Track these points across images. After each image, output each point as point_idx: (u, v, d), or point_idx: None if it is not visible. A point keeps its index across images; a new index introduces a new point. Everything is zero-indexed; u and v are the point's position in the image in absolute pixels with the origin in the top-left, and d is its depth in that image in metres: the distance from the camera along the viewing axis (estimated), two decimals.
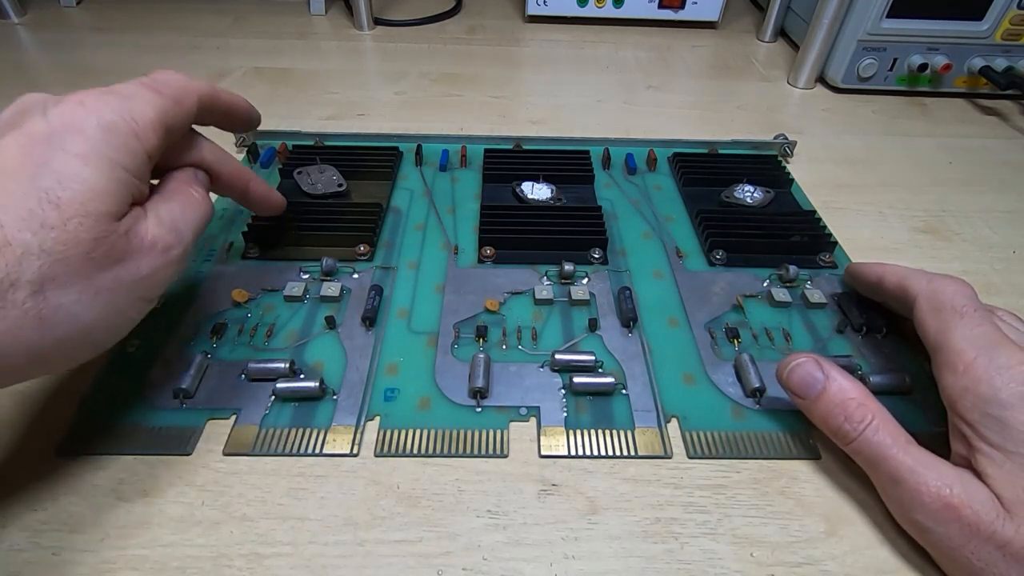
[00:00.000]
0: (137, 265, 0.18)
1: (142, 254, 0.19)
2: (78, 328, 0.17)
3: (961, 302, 0.21)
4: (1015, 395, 0.18)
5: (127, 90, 0.20)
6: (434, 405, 0.23)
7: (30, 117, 0.18)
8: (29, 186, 0.16)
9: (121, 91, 0.19)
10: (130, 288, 0.18)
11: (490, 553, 0.19)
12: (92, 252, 0.17)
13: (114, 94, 0.19)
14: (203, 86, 0.23)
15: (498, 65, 0.53)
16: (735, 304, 0.28)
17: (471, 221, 0.33)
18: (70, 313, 0.17)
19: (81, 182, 0.17)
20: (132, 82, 0.20)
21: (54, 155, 0.17)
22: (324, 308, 0.27)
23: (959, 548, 0.18)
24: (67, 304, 0.17)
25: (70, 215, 0.17)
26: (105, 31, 0.56)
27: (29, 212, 0.16)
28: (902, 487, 0.19)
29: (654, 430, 0.23)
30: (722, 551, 0.20)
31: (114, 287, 0.18)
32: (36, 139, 0.17)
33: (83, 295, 0.17)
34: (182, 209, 0.21)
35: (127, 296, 0.18)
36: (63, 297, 0.17)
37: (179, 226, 0.20)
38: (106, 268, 0.17)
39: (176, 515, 0.20)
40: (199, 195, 0.22)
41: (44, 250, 0.16)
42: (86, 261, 0.17)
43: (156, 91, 0.20)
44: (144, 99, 0.20)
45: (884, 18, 0.45)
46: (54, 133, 0.17)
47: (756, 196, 0.34)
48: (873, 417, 0.20)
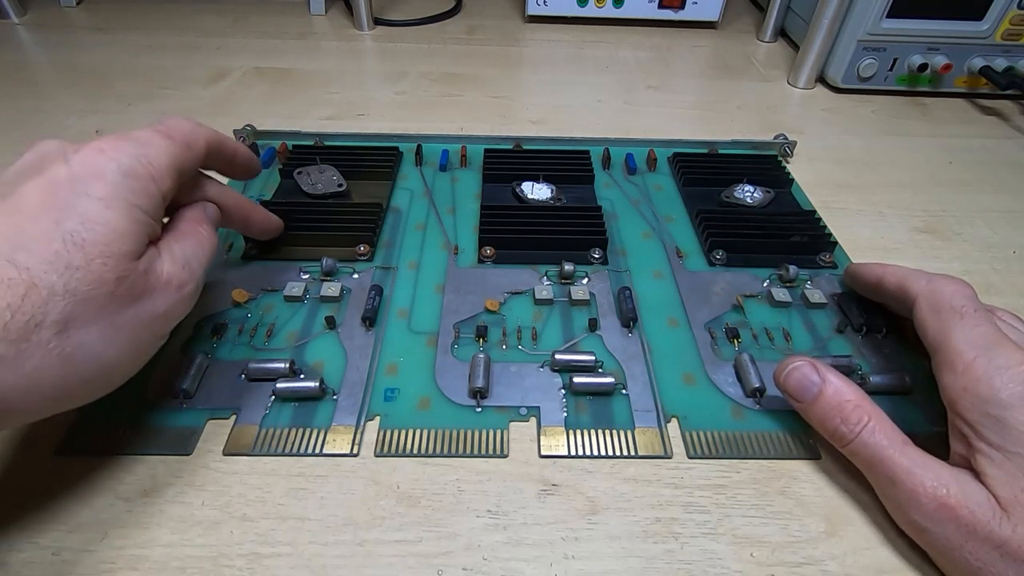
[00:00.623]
0: (154, 302, 0.19)
1: (159, 291, 0.19)
2: (100, 365, 0.18)
3: (961, 302, 0.21)
4: (1014, 395, 0.18)
5: (143, 137, 0.20)
6: (434, 405, 0.23)
7: (51, 163, 0.19)
8: (54, 229, 0.17)
9: (138, 137, 0.20)
10: (148, 324, 0.19)
11: (490, 553, 0.19)
12: (115, 291, 0.18)
13: (131, 140, 0.20)
14: (210, 133, 0.24)
15: (498, 65, 0.53)
16: (735, 304, 0.28)
17: (471, 221, 0.33)
18: (93, 351, 0.17)
19: (104, 224, 0.18)
20: (147, 129, 0.21)
21: (77, 199, 0.18)
22: (324, 308, 0.27)
23: (957, 548, 0.18)
24: (90, 342, 0.17)
25: (94, 255, 0.17)
26: (105, 31, 0.56)
27: (55, 254, 0.17)
28: (899, 488, 0.19)
29: (654, 430, 0.23)
30: (722, 551, 0.20)
31: (134, 324, 0.19)
32: (59, 184, 0.18)
33: (105, 333, 0.18)
34: (193, 247, 0.21)
35: (145, 332, 0.19)
36: (86, 336, 0.17)
37: (191, 263, 0.21)
38: (127, 306, 0.18)
39: (176, 515, 0.20)
40: (207, 232, 0.23)
41: (69, 290, 0.17)
42: (109, 300, 0.18)
43: (169, 137, 0.21)
44: (158, 145, 0.20)
45: (884, 18, 0.45)
46: (76, 178, 0.18)
47: (756, 196, 0.34)
48: (869, 419, 0.20)
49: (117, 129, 0.40)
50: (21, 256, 0.16)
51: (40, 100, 0.44)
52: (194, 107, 0.44)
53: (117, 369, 0.19)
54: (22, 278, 0.16)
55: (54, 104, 0.44)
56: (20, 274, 0.16)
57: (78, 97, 0.45)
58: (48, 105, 0.43)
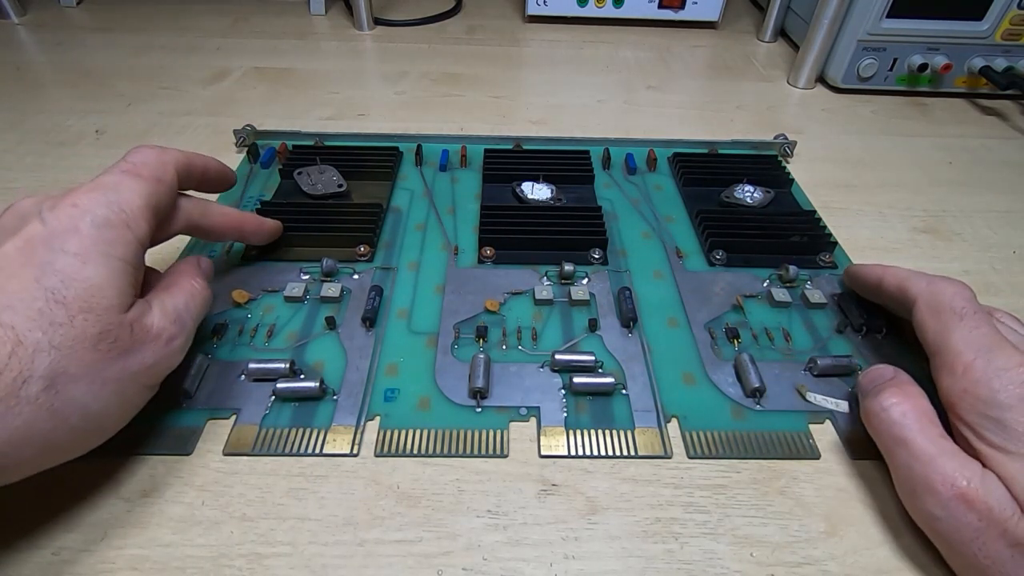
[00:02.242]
0: (142, 355, 0.19)
1: (147, 344, 0.19)
2: (89, 418, 0.18)
3: (960, 304, 0.21)
4: (1014, 397, 0.18)
5: (112, 182, 0.20)
6: (434, 405, 0.23)
7: (28, 222, 0.19)
8: (35, 287, 0.17)
9: (107, 184, 0.20)
10: (136, 377, 0.19)
11: (490, 553, 0.19)
12: (99, 344, 0.18)
13: (102, 190, 0.20)
14: (176, 157, 0.23)
15: (498, 65, 0.53)
16: (735, 304, 0.28)
17: (471, 221, 0.33)
18: (81, 404, 0.18)
19: (83, 280, 0.18)
20: (114, 170, 0.21)
21: (55, 256, 0.18)
22: (324, 308, 0.27)
23: (968, 542, 0.17)
24: (78, 396, 0.17)
25: (75, 312, 0.17)
26: (105, 31, 0.56)
27: (38, 312, 0.17)
28: (915, 472, 0.19)
29: (654, 430, 0.23)
30: (722, 551, 0.20)
31: (121, 377, 0.19)
32: (36, 242, 0.18)
33: (92, 386, 0.18)
34: (185, 300, 0.22)
35: (133, 385, 0.19)
36: (74, 390, 0.17)
37: (182, 316, 0.21)
38: (113, 359, 0.18)
39: (176, 515, 0.20)
40: (199, 285, 0.23)
41: (54, 346, 0.17)
42: (94, 354, 0.18)
43: (137, 175, 0.21)
44: (129, 187, 0.21)
45: (884, 18, 0.45)
46: (52, 236, 0.18)
47: (756, 196, 0.34)
48: (903, 399, 0.20)
49: (117, 129, 0.41)
50: (6, 315, 0.17)
51: (40, 100, 0.44)
52: (194, 107, 0.44)
53: (107, 421, 0.19)
54: (8, 336, 0.16)
55: (54, 104, 0.44)
56: (5, 332, 0.16)
57: (78, 97, 0.45)
58: (48, 105, 0.43)
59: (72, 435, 0.18)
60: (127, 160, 0.22)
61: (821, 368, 0.25)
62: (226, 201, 0.34)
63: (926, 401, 0.20)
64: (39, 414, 0.17)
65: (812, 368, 0.25)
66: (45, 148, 0.38)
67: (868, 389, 0.22)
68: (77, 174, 0.36)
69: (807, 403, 0.24)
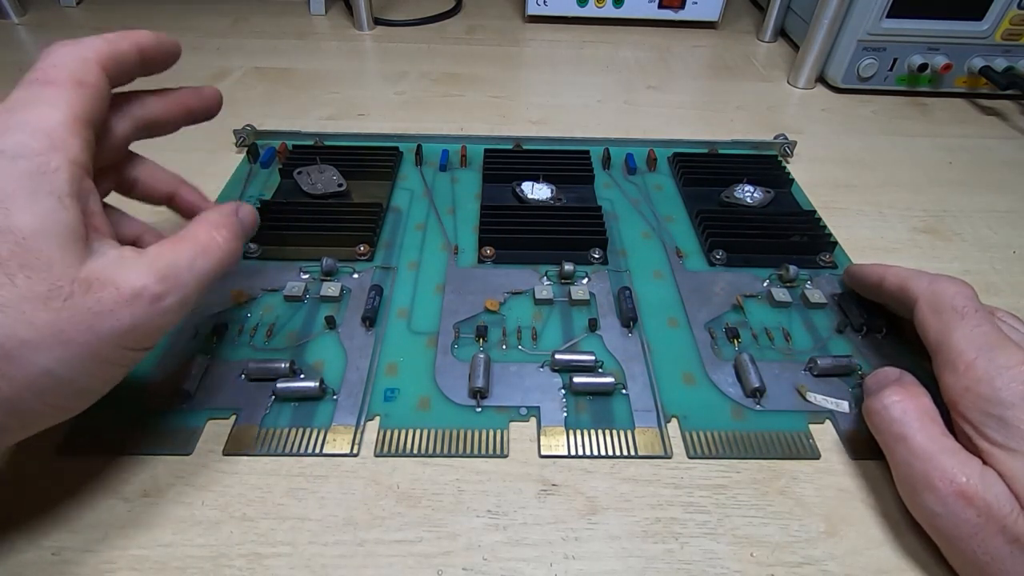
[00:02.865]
0: (116, 316, 0.17)
1: (121, 304, 0.17)
2: (61, 383, 0.16)
3: (961, 303, 0.21)
4: (1016, 394, 0.18)
5: (22, 98, 0.17)
6: (434, 405, 0.23)
7: None
8: None
9: (17, 102, 0.17)
10: (111, 339, 0.17)
11: (490, 553, 0.19)
12: (50, 303, 0.16)
13: (10, 111, 0.17)
14: (98, 46, 0.19)
15: (498, 65, 0.53)
16: (735, 304, 0.28)
17: (471, 221, 0.33)
18: (45, 369, 0.16)
19: (11, 233, 0.15)
20: (23, 83, 0.18)
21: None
22: (324, 308, 0.27)
23: (967, 538, 0.17)
24: (40, 361, 0.16)
25: (14, 270, 0.15)
26: (105, 31, 0.56)
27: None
28: (915, 469, 0.19)
29: (654, 430, 0.23)
30: (722, 551, 0.20)
31: (90, 340, 0.16)
32: None
33: (55, 350, 0.16)
34: (190, 255, 0.19)
35: (107, 348, 0.17)
36: (32, 355, 0.15)
37: (179, 273, 0.18)
38: (74, 320, 0.16)
39: (176, 515, 0.20)
40: (220, 239, 0.20)
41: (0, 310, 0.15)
42: (48, 313, 0.16)
43: (51, 82, 0.18)
44: (46, 100, 0.17)
45: (884, 18, 0.45)
46: None
47: (756, 196, 0.34)
48: (904, 397, 0.20)
49: None
50: None
51: None
52: None
53: (84, 384, 0.17)
54: None
55: None
56: None
57: None
58: None
59: (45, 401, 0.16)
60: (37, 67, 0.18)
61: (821, 368, 0.25)
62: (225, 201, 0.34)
63: (928, 400, 0.20)
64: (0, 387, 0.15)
65: (812, 368, 0.25)
66: None
67: (872, 389, 0.22)
68: None
69: (807, 403, 0.24)
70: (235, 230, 0.21)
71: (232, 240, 0.20)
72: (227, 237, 0.20)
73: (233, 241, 0.20)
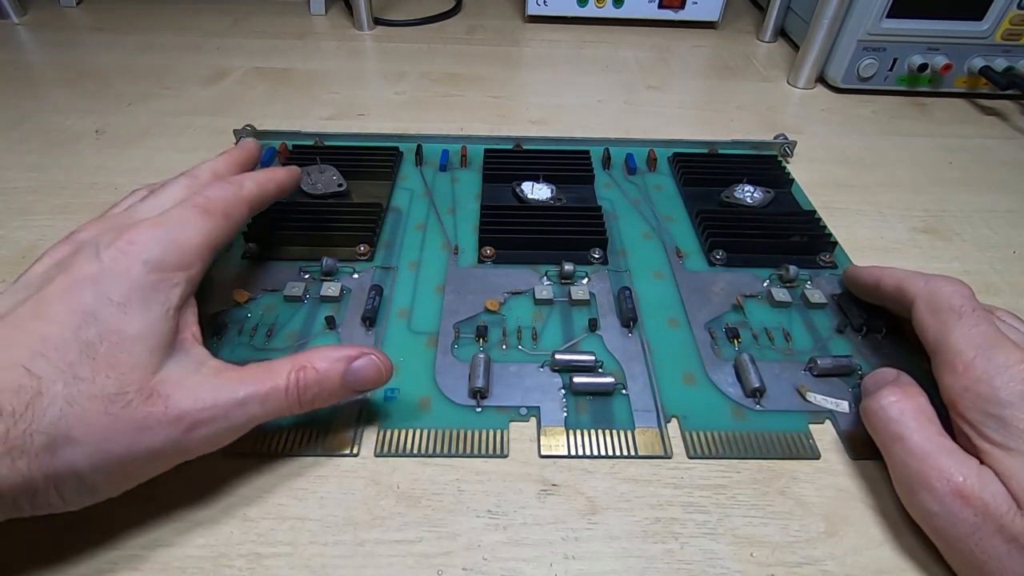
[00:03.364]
0: (154, 434, 0.17)
1: (162, 423, 0.17)
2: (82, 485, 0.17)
3: (959, 302, 0.21)
4: (1015, 394, 0.18)
5: (179, 217, 0.20)
6: (434, 405, 0.23)
7: (81, 256, 0.18)
8: (72, 337, 0.17)
9: (173, 220, 0.20)
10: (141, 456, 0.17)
11: (490, 553, 0.19)
12: (110, 407, 0.16)
13: (166, 226, 0.19)
14: (251, 190, 0.23)
15: (498, 65, 0.53)
16: (735, 304, 0.28)
17: (471, 221, 0.33)
18: (75, 471, 0.16)
19: (118, 333, 0.17)
20: (186, 204, 0.20)
21: (99, 306, 0.17)
22: (324, 308, 0.27)
23: (964, 538, 0.17)
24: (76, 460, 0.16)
25: (101, 367, 0.17)
26: (105, 31, 0.56)
27: (68, 364, 0.16)
28: (912, 469, 0.19)
29: (654, 430, 0.23)
30: (722, 551, 0.20)
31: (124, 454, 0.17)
32: (84, 284, 0.18)
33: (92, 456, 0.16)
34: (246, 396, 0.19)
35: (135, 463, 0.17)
36: (72, 454, 0.16)
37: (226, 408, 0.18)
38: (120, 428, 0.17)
39: (176, 515, 0.20)
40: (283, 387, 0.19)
41: (68, 402, 0.16)
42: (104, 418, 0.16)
43: (206, 212, 0.20)
44: (195, 225, 0.20)
45: (884, 18, 0.45)
46: (102, 278, 0.18)
47: (756, 196, 0.34)
48: (902, 397, 0.20)
49: (117, 129, 0.40)
50: (37, 364, 0.16)
51: (40, 100, 0.44)
52: (194, 107, 0.44)
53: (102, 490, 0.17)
54: (32, 385, 0.16)
55: (54, 104, 0.44)
56: (31, 381, 0.16)
57: (78, 97, 0.45)
58: (48, 105, 0.43)
59: (63, 496, 0.17)
60: (202, 193, 0.21)
61: (821, 368, 0.25)
62: None
63: (925, 400, 0.20)
64: (35, 472, 0.16)
65: (812, 368, 0.25)
66: (45, 148, 0.38)
67: (870, 389, 0.22)
68: (77, 174, 0.36)
69: (807, 403, 0.24)
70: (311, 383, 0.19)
71: (305, 393, 0.19)
72: (296, 387, 0.19)
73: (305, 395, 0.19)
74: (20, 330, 0.17)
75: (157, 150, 0.39)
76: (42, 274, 0.19)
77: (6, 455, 0.15)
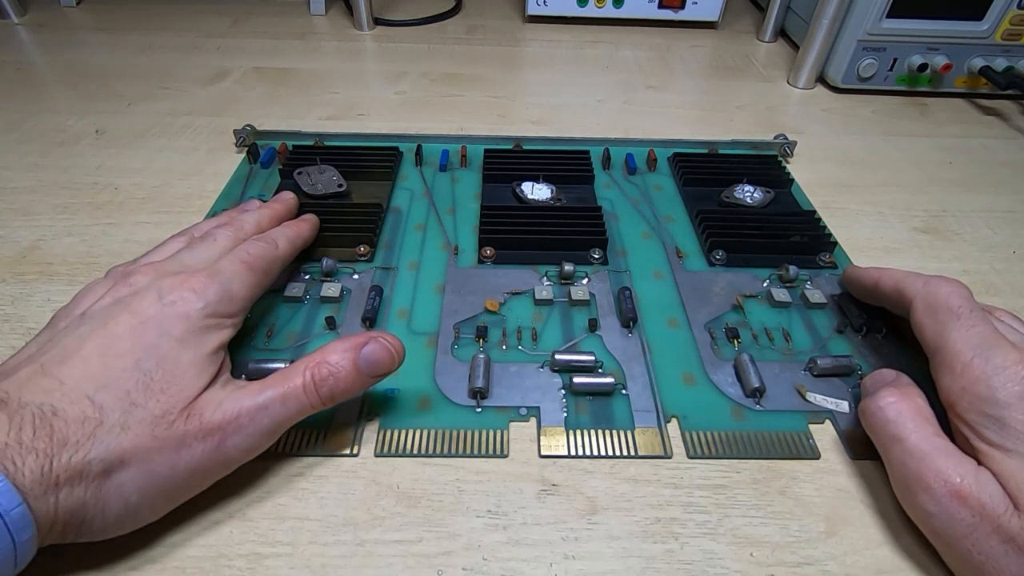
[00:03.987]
0: (192, 450, 0.18)
1: (198, 439, 0.18)
2: (128, 510, 0.17)
3: (957, 303, 0.21)
4: (1013, 395, 0.18)
5: (229, 271, 0.22)
6: (434, 405, 0.23)
7: (145, 298, 0.20)
8: (134, 369, 0.18)
9: (225, 272, 0.22)
10: (181, 476, 0.18)
11: (490, 553, 0.19)
12: (156, 428, 0.17)
13: (219, 279, 0.21)
14: (285, 250, 0.25)
15: (498, 65, 0.53)
16: (735, 304, 0.28)
17: (471, 221, 0.33)
18: (124, 494, 0.17)
19: (174, 362, 0.19)
20: (233, 259, 0.23)
21: (160, 339, 0.19)
22: (324, 308, 0.27)
23: (961, 538, 0.17)
24: (126, 482, 0.17)
25: (155, 392, 0.18)
26: (105, 31, 0.56)
27: (126, 392, 0.18)
28: (909, 469, 0.19)
29: (654, 430, 0.23)
30: (722, 551, 0.20)
31: (165, 473, 0.18)
32: (148, 322, 0.19)
33: (139, 478, 0.17)
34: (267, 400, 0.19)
35: (176, 483, 0.18)
36: (123, 479, 0.17)
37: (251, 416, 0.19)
38: (164, 450, 0.18)
39: (176, 515, 0.20)
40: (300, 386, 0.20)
41: (124, 428, 0.17)
42: (151, 440, 0.17)
43: (251, 268, 0.23)
44: (242, 280, 0.22)
45: (884, 18, 0.45)
46: (165, 318, 0.19)
47: (756, 196, 0.34)
48: (900, 398, 0.20)
49: (117, 129, 0.40)
50: (101, 394, 0.17)
51: (40, 100, 0.44)
52: (194, 107, 0.44)
53: (144, 514, 0.18)
54: (95, 416, 0.17)
55: (54, 104, 0.44)
56: (95, 411, 0.17)
57: (78, 97, 0.45)
58: (48, 105, 0.43)
59: (106, 522, 0.17)
60: (246, 250, 0.23)
61: (821, 368, 0.25)
62: (225, 202, 0.34)
63: (923, 401, 0.20)
64: (88, 498, 0.16)
65: (812, 368, 0.25)
66: (45, 148, 0.38)
67: (869, 390, 0.22)
68: (77, 174, 0.36)
69: (807, 403, 0.24)
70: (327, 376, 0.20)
71: (322, 387, 0.20)
72: (312, 382, 0.20)
73: (323, 389, 0.20)
74: (89, 364, 0.18)
75: (157, 150, 0.39)
76: (104, 310, 0.20)
77: (67, 483, 0.16)
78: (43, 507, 0.16)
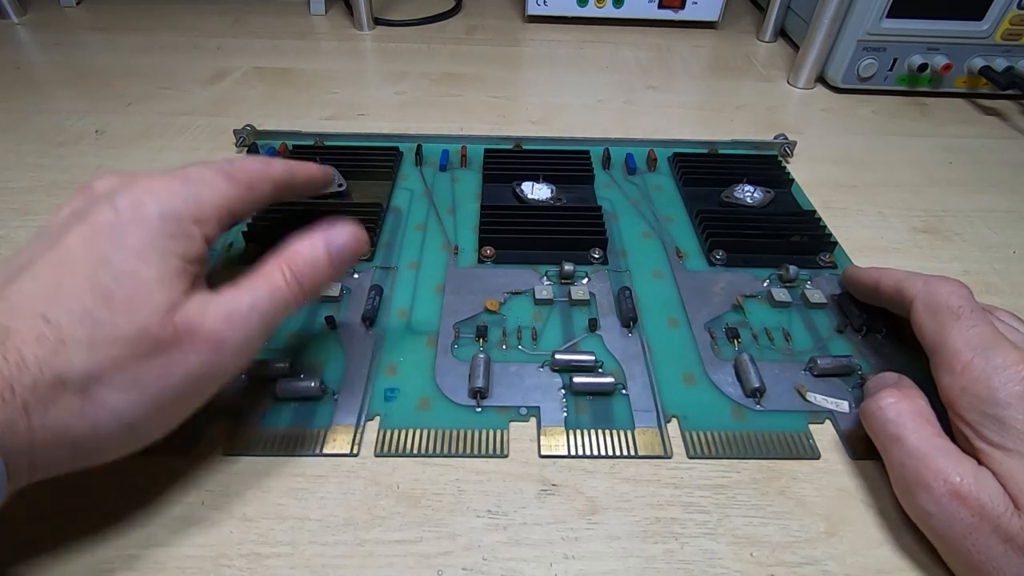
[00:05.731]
0: (186, 359, 0.17)
1: (193, 347, 0.18)
2: (123, 425, 0.17)
3: (957, 303, 0.21)
4: (1013, 394, 0.18)
5: (199, 176, 0.20)
6: (434, 405, 0.23)
7: (98, 206, 0.18)
8: (88, 283, 0.17)
9: (193, 176, 0.20)
10: (177, 385, 0.18)
11: (490, 553, 0.19)
12: (136, 347, 0.17)
13: (183, 179, 0.19)
14: (280, 171, 0.23)
15: (498, 65, 0.53)
16: (735, 304, 0.28)
17: (471, 221, 0.33)
18: (113, 410, 0.17)
19: (133, 277, 0.17)
20: (210, 166, 0.20)
21: (115, 250, 0.17)
22: (324, 308, 0.27)
23: (961, 538, 0.17)
24: (112, 401, 0.16)
25: (119, 310, 0.17)
26: (105, 31, 0.56)
27: (84, 310, 0.16)
28: (909, 469, 0.19)
29: (654, 430, 0.23)
30: (722, 551, 0.20)
31: (160, 384, 0.17)
32: (101, 231, 0.18)
33: (127, 392, 0.17)
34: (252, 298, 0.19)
35: (172, 393, 0.18)
36: (107, 394, 0.16)
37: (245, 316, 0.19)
38: (150, 362, 0.17)
39: (176, 515, 0.20)
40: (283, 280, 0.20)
41: (92, 345, 0.16)
42: (131, 358, 0.17)
43: (230, 177, 0.20)
44: (215, 186, 0.20)
45: (884, 18, 0.45)
46: (118, 225, 0.18)
47: (756, 196, 0.34)
48: (900, 398, 0.20)
49: (117, 129, 0.40)
50: (54, 311, 0.16)
51: (40, 100, 0.44)
52: (194, 107, 0.44)
53: (144, 429, 0.18)
54: (54, 334, 0.16)
55: (54, 104, 0.44)
56: (51, 331, 0.16)
57: (78, 97, 0.45)
58: (48, 105, 0.43)
59: (102, 441, 0.17)
60: (229, 161, 0.21)
61: (821, 368, 0.25)
62: None
63: (924, 402, 0.20)
64: (71, 418, 0.16)
65: (812, 368, 0.25)
66: (45, 148, 0.38)
67: (871, 392, 0.22)
68: (77, 174, 0.36)
69: (807, 403, 0.24)
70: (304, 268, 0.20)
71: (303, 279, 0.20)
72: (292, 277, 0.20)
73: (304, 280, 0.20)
74: (39, 280, 0.17)
75: (157, 150, 0.39)
76: (60, 224, 0.18)
77: (38, 405, 0.15)
78: (13, 433, 0.15)
